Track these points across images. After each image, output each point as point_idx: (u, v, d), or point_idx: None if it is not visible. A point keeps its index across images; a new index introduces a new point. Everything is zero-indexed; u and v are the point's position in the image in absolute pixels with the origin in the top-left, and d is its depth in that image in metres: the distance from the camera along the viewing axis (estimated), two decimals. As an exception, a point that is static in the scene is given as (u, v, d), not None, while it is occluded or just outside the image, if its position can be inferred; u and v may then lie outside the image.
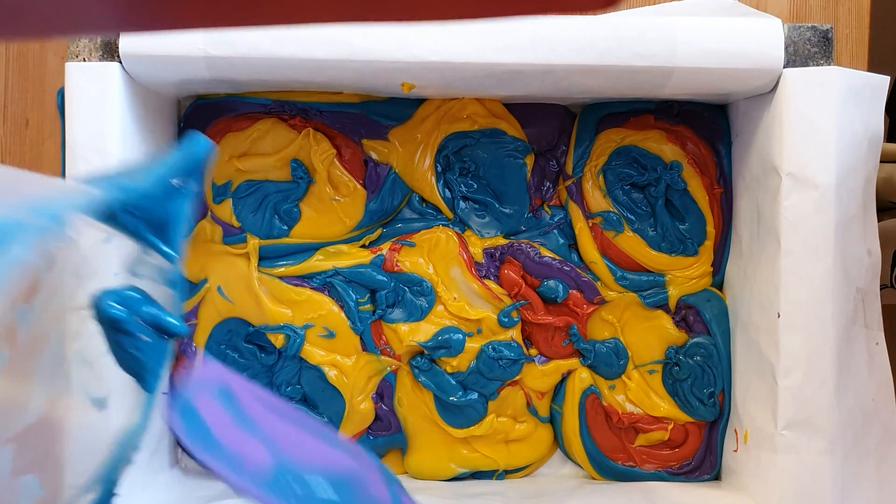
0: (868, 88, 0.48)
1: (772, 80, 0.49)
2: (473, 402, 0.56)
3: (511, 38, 0.47)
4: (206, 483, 0.54)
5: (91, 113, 0.47)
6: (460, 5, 0.18)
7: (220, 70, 0.48)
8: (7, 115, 0.58)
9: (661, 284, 0.57)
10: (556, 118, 0.57)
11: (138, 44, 0.46)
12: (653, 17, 0.49)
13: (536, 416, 0.57)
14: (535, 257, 0.56)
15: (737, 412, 0.54)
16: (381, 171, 0.56)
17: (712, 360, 0.55)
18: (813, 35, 0.48)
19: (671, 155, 0.56)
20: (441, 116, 0.56)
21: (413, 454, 0.57)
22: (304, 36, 0.47)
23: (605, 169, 0.56)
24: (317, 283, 0.56)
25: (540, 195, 0.58)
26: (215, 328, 0.56)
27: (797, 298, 0.48)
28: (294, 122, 0.56)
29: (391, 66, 0.47)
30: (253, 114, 0.56)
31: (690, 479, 0.56)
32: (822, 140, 0.47)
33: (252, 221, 0.56)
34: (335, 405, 0.56)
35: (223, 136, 0.55)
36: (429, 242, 0.56)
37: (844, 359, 0.48)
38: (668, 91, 0.51)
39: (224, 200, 0.56)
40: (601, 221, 0.56)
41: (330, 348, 0.56)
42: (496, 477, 0.57)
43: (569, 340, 0.57)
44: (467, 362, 0.56)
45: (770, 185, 0.49)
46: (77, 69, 0.47)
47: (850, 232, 0.48)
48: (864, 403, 0.49)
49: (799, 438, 0.48)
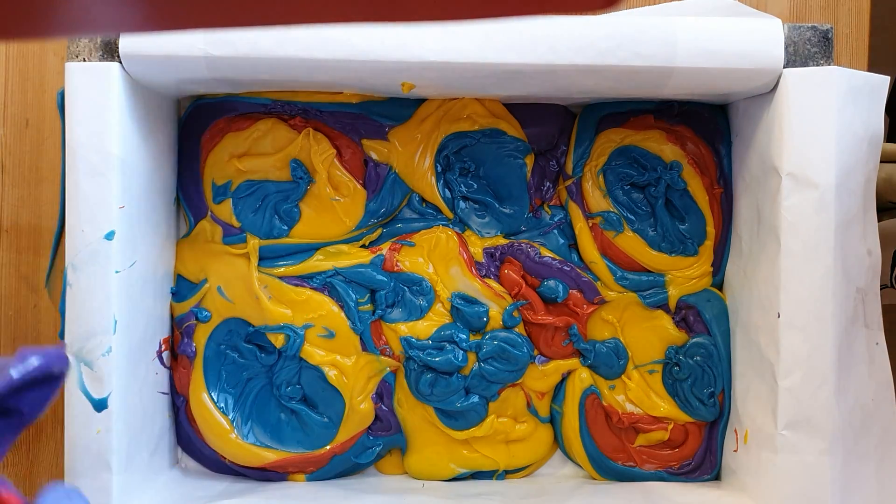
0: (868, 88, 0.48)
1: (772, 80, 0.49)
2: (475, 405, 0.56)
3: (511, 38, 0.47)
4: (207, 483, 0.54)
5: (91, 113, 0.47)
6: (460, 5, 0.18)
7: (221, 70, 0.48)
8: (7, 115, 0.58)
9: (660, 284, 0.57)
10: (556, 118, 0.57)
11: (138, 44, 0.46)
12: (653, 17, 0.49)
13: (537, 417, 0.57)
14: (536, 257, 0.57)
15: (737, 412, 0.54)
16: (381, 171, 0.56)
17: (712, 360, 0.55)
18: (813, 35, 0.48)
19: (671, 155, 0.56)
20: (441, 116, 0.56)
21: (413, 454, 0.57)
22: (304, 36, 0.47)
23: (604, 169, 0.56)
24: (317, 283, 0.56)
25: (540, 195, 0.58)
26: (215, 329, 0.56)
27: (797, 298, 0.48)
28: (294, 122, 0.56)
29: (391, 66, 0.47)
30: (253, 114, 0.56)
31: (690, 479, 0.56)
32: (822, 140, 0.47)
33: (252, 221, 0.56)
34: (335, 405, 0.56)
35: (223, 136, 0.56)
36: (429, 242, 0.56)
37: (844, 359, 0.48)
38: (668, 91, 0.51)
39: (224, 200, 0.56)
40: (601, 221, 0.56)
41: (330, 348, 0.55)
42: (496, 477, 0.57)
43: (569, 341, 0.57)
44: (470, 367, 0.55)
45: (770, 185, 0.49)
46: (77, 69, 0.47)
47: (850, 232, 0.48)
48: (864, 403, 0.49)
49: (799, 438, 0.48)
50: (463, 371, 0.56)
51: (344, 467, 0.56)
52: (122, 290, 0.48)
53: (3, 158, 0.58)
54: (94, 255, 0.47)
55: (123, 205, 0.47)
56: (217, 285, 0.55)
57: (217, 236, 0.56)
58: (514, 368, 0.56)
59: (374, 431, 0.57)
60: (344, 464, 0.56)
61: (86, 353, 0.47)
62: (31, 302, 0.58)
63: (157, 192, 0.53)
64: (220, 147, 0.56)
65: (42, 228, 0.58)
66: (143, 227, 0.50)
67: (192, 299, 0.55)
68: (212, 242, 0.56)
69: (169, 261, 0.55)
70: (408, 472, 0.57)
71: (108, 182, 0.47)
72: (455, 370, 0.55)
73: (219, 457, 0.56)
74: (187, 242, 0.56)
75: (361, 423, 0.56)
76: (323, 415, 0.56)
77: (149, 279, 0.52)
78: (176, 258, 0.56)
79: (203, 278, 0.55)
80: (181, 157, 0.56)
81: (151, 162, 0.51)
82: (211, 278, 0.55)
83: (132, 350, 0.49)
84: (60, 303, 0.48)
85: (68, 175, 0.47)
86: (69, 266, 0.47)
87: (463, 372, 0.56)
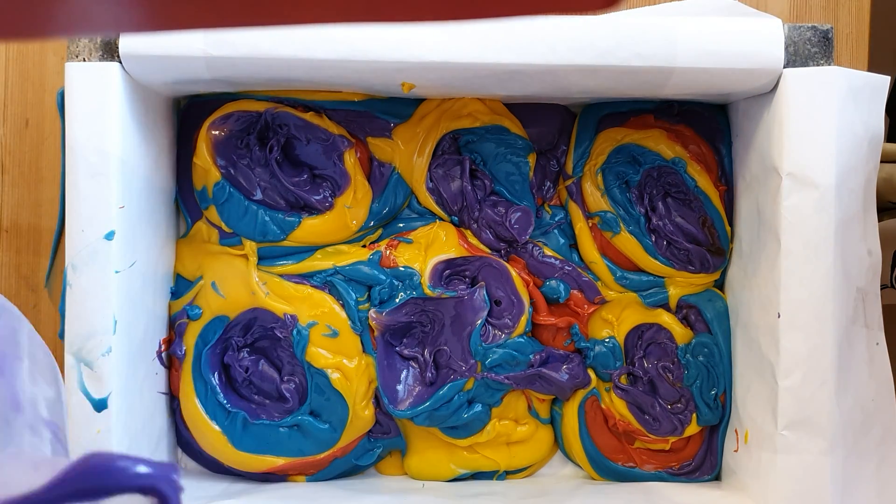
0: (868, 88, 0.48)
1: (772, 80, 0.49)
2: (479, 414, 0.55)
3: (511, 38, 0.47)
4: (206, 483, 0.54)
5: (91, 113, 0.47)
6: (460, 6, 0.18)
7: (220, 70, 0.48)
8: (7, 115, 0.58)
9: (660, 284, 0.56)
10: (557, 118, 0.57)
11: (138, 44, 0.46)
12: (653, 17, 0.49)
13: (537, 418, 0.57)
14: (539, 256, 0.56)
15: (737, 412, 0.54)
16: (385, 170, 0.56)
17: (714, 360, 0.55)
18: (813, 35, 0.48)
19: (672, 154, 0.56)
20: (441, 114, 0.55)
21: (413, 456, 0.57)
22: (304, 36, 0.47)
23: (603, 168, 0.56)
24: (317, 281, 0.55)
25: (541, 195, 0.57)
26: (204, 327, 0.55)
27: (797, 298, 0.48)
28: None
29: (391, 66, 0.47)
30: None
31: (691, 479, 0.56)
32: (822, 140, 0.47)
33: (243, 226, 0.54)
34: (338, 411, 0.54)
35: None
36: (426, 238, 0.56)
37: (845, 359, 0.48)
38: (668, 91, 0.51)
39: (210, 206, 0.55)
40: (599, 222, 0.56)
41: (334, 349, 0.55)
42: (497, 478, 0.57)
43: (570, 340, 0.57)
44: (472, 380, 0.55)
45: (770, 185, 0.49)
46: (77, 69, 0.47)
47: (850, 232, 0.48)
48: (865, 403, 0.49)
49: (799, 438, 0.48)
50: (465, 387, 0.55)
51: (344, 469, 0.56)
52: (122, 290, 0.48)
53: (3, 158, 0.58)
54: (94, 255, 0.47)
55: (123, 205, 0.47)
56: (211, 281, 0.55)
57: (213, 237, 0.55)
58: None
59: (373, 434, 0.56)
60: (344, 465, 0.56)
61: (86, 353, 0.47)
62: (31, 302, 0.58)
63: (156, 192, 0.53)
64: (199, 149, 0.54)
65: (42, 228, 0.58)
66: (143, 227, 0.50)
67: (187, 296, 0.55)
68: (209, 243, 0.56)
69: (169, 260, 0.55)
70: (408, 473, 0.57)
71: (107, 182, 0.47)
72: (455, 394, 0.55)
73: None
74: (186, 242, 0.56)
75: (363, 428, 0.55)
76: (326, 422, 0.55)
77: (148, 279, 0.51)
78: (175, 258, 0.56)
79: (199, 276, 0.55)
80: (178, 156, 0.56)
81: (151, 162, 0.51)
82: (206, 275, 0.55)
83: (132, 350, 0.49)
84: (60, 303, 0.48)
85: (68, 175, 0.47)
86: (69, 266, 0.47)
87: (465, 387, 0.55)
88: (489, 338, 0.55)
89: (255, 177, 0.55)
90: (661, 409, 0.55)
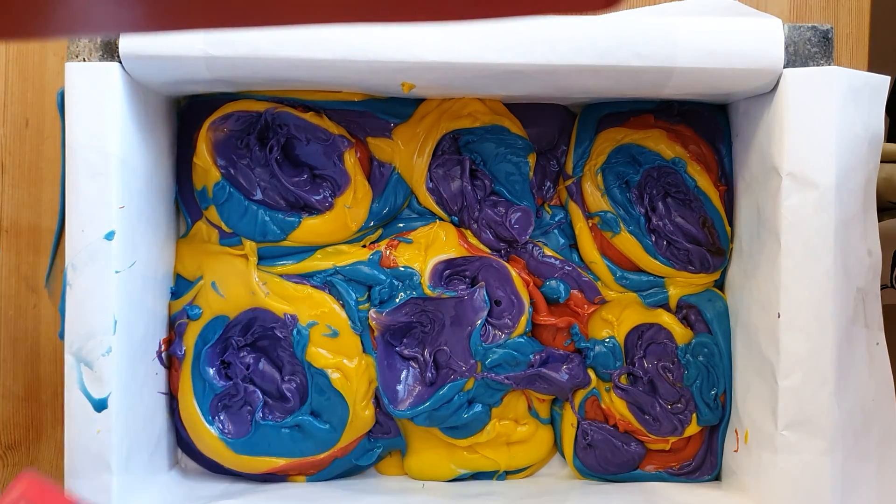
0: (868, 88, 0.48)
1: (772, 80, 0.49)
2: (478, 414, 0.55)
3: (511, 39, 0.47)
4: (206, 483, 0.54)
5: (91, 113, 0.47)
6: (460, 6, 0.18)
7: (220, 70, 0.48)
8: (7, 115, 0.58)
9: (660, 285, 0.56)
10: (557, 118, 0.57)
11: (138, 44, 0.46)
12: (653, 17, 0.49)
13: (538, 419, 0.57)
14: (539, 256, 0.56)
15: (737, 412, 0.54)
16: (385, 170, 0.56)
17: (714, 360, 0.55)
18: (813, 35, 0.48)
19: (672, 153, 0.56)
20: (441, 114, 0.55)
21: (413, 456, 0.57)
22: (304, 36, 0.47)
23: (603, 168, 0.56)
24: (317, 281, 0.55)
25: (541, 195, 0.57)
26: (204, 327, 0.55)
27: (797, 298, 0.48)
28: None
29: (391, 66, 0.47)
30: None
31: (691, 479, 0.56)
32: (822, 140, 0.47)
33: (243, 226, 0.54)
34: (338, 411, 0.54)
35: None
36: (426, 238, 0.56)
37: (844, 359, 0.48)
38: (668, 91, 0.51)
39: (210, 206, 0.55)
40: (599, 222, 0.56)
41: (334, 349, 0.55)
42: (497, 478, 0.57)
43: (570, 340, 0.57)
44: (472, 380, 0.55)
45: (770, 185, 0.49)
46: (77, 69, 0.47)
47: (850, 232, 0.48)
48: (864, 403, 0.49)
49: (799, 438, 0.48)
50: (465, 387, 0.55)
51: (344, 469, 0.56)
52: (122, 290, 0.48)
53: (3, 158, 0.58)
54: (94, 255, 0.47)
55: (123, 205, 0.47)
56: (211, 281, 0.55)
57: (213, 237, 0.55)
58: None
59: (374, 434, 0.56)
60: (344, 466, 0.56)
61: (86, 353, 0.47)
62: (31, 302, 0.58)
63: (156, 192, 0.53)
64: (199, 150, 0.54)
65: (42, 228, 0.58)
66: (143, 227, 0.50)
67: (187, 296, 0.55)
68: (209, 243, 0.56)
69: (169, 260, 0.55)
70: (408, 473, 0.57)
71: (107, 182, 0.47)
72: (455, 394, 0.55)
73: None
74: (186, 242, 0.56)
75: (363, 428, 0.55)
76: (326, 422, 0.55)
77: (149, 279, 0.51)
78: (175, 258, 0.56)
79: (199, 276, 0.55)
80: (178, 156, 0.56)
81: (151, 162, 0.51)
82: (206, 275, 0.55)
83: (132, 350, 0.49)
84: (60, 303, 0.48)
85: (68, 175, 0.47)
86: (69, 266, 0.47)
87: (465, 387, 0.55)
88: (489, 338, 0.55)
89: (255, 177, 0.55)
90: (661, 409, 0.55)
